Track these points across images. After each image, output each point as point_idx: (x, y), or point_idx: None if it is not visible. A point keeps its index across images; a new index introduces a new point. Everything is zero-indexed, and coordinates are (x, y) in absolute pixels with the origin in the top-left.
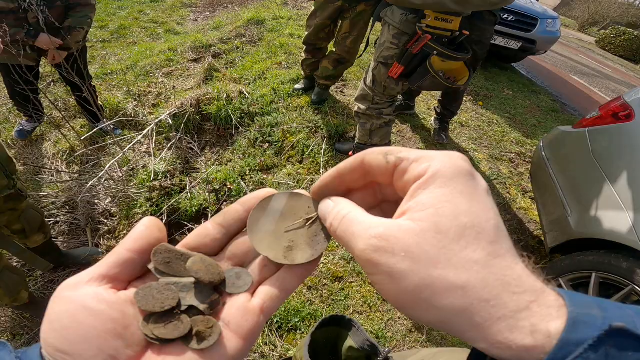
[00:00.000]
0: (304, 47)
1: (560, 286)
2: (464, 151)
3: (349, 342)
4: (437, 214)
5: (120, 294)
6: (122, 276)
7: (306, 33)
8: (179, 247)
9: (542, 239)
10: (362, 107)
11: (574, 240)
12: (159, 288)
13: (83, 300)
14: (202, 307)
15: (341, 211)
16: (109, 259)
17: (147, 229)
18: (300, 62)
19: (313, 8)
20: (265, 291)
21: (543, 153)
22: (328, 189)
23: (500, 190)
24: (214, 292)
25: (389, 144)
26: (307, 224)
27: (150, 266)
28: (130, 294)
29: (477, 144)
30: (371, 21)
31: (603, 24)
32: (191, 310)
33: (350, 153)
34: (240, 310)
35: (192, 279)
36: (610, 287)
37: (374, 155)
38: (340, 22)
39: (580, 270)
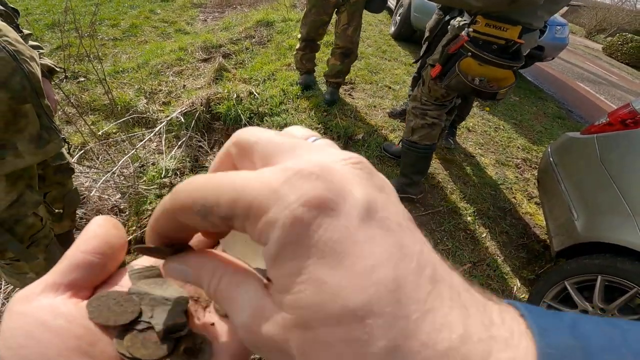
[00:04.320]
0: (302, 43)
1: (565, 289)
2: (470, 156)
3: None
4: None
5: (83, 304)
6: (82, 282)
7: (302, 31)
8: None
9: (548, 243)
10: (410, 104)
11: (580, 244)
12: (117, 298)
13: (37, 315)
14: (157, 328)
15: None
16: (60, 264)
17: (100, 227)
18: (298, 58)
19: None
20: None
21: (551, 159)
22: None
23: (507, 195)
24: (183, 315)
25: (431, 145)
26: None
27: (132, 264)
28: None
29: (484, 149)
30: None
31: (610, 31)
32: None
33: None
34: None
35: (167, 295)
36: (615, 290)
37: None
38: (337, 16)
39: (586, 274)
